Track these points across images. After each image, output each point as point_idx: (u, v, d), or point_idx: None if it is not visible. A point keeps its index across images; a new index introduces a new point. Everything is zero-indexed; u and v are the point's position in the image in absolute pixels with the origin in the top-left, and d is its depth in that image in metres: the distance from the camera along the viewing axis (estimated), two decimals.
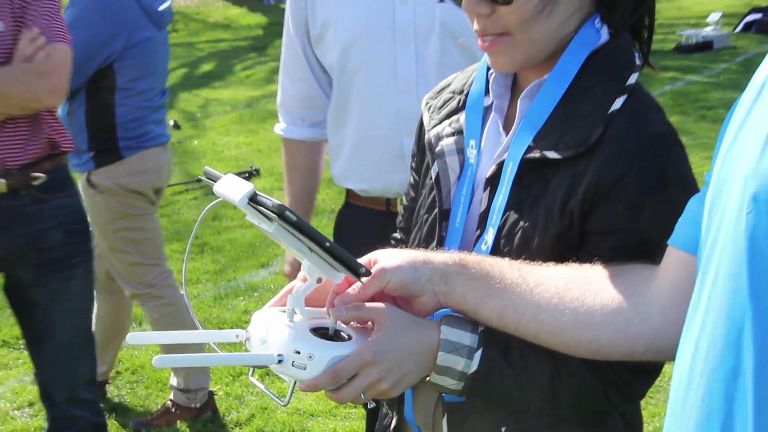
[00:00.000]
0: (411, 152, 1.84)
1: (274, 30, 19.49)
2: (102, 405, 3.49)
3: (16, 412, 4.44)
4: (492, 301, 1.38)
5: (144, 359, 4.81)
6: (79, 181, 3.93)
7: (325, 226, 4.73)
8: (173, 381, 4.30)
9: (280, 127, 2.95)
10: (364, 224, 2.74)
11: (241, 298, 5.63)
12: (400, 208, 1.90)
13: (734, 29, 15.02)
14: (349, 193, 2.86)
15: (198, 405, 4.27)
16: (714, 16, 14.81)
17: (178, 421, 4.26)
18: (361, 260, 1.43)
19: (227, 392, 4.47)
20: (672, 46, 13.91)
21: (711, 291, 1.01)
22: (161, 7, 4.12)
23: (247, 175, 8.28)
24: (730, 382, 0.95)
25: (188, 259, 6.29)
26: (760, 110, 0.97)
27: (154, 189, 4.23)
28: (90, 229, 3.24)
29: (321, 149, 2.95)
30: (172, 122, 10.59)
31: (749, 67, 12.33)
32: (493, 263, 1.41)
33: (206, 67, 15.36)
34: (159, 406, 4.39)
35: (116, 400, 4.47)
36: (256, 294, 5.68)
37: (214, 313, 5.40)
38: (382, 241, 1.80)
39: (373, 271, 1.40)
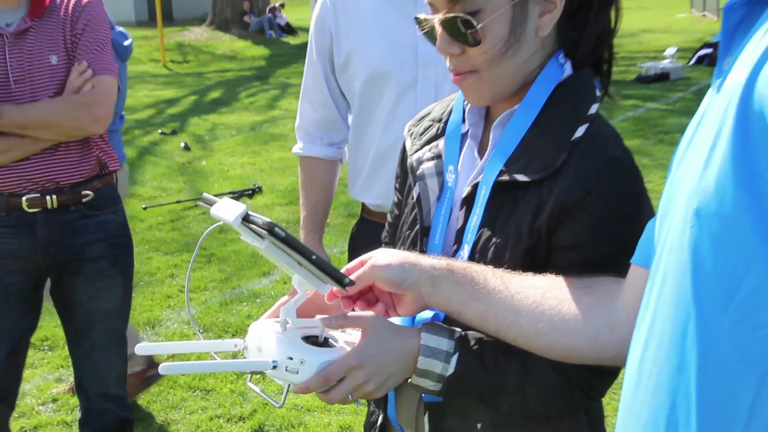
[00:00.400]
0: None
1: (275, 61, 19.58)
2: None
3: (40, 407, 4.42)
4: (475, 304, 1.38)
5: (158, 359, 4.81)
6: None
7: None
8: None
9: (298, 147, 2.94)
10: (375, 237, 2.72)
11: (245, 303, 5.62)
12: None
13: (688, 62, 15.14)
14: (364, 209, 2.87)
15: (138, 368, 4.25)
16: (670, 50, 14.93)
17: (146, 388, 4.36)
18: (358, 259, 1.44)
19: (231, 389, 4.46)
20: (633, 76, 14.00)
21: (658, 296, 1.02)
22: (126, 43, 4.22)
23: (250, 191, 8.29)
24: (675, 378, 0.96)
25: (193, 268, 6.29)
26: (701, 135, 0.98)
27: None
28: (131, 242, 3.25)
29: (336, 167, 2.94)
30: (183, 144, 10.63)
31: (702, 96, 12.14)
32: (477, 270, 1.41)
33: (214, 94, 15.38)
34: (170, 402, 4.38)
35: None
36: (258, 300, 5.67)
37: (220, 318, 5.39)
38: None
39: (366, 266, 1.41)
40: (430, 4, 1.50)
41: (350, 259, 2.85)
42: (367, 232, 2.80)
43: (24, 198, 2.91)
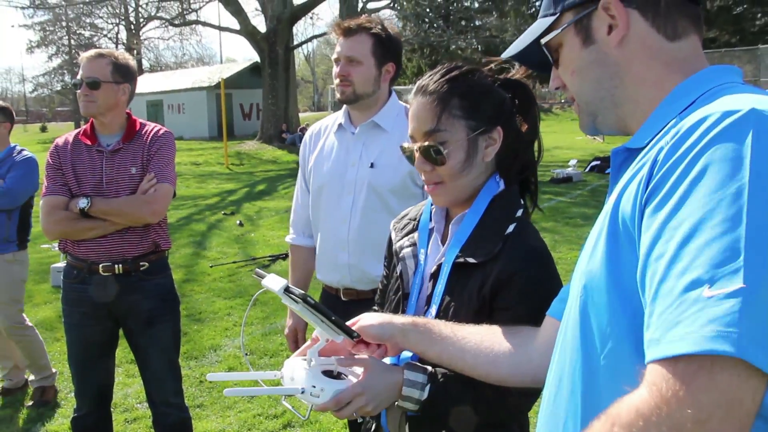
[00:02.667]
0: (383, 256, 1.82)
1: None
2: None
3: (138, 405, 4.34)
4: (434, 347, 1.39)
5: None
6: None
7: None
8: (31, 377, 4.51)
9: (290, 237, 2.84)
10: (329, 300, 2.62)
11: (279, 335, 5.54)
12: (379, 285, 1.88)
13: (585, 169, 15.24)
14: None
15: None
16: (572, 162, 15.09)
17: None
18: (351, 321, 1.44)
19: (269, 396, 4.37)
20: (548, 179, 14.06)
21: (562, 342, 1.03)
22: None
23: (285, 255, 8.23)
24: (570, 397, 0.98)
25: (242, 309, 6.24)
26: (591, 235, 1.01)
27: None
28: (177, 297, 3.19)
29: (314, 252, 2.78)
30: (238, 222, 10.61)
31: (593, 193, 12.50)
32: (434, 323, 1.41)
33: (260, 187, 15.43)
34: (226, 404, 4.31)
35: (200, 400, 4.39)
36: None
37: (261, 345, 5.32)
38: (336, 311, 1.68)
39: (356, 327, 1.42)
40: (411, 137, 1.53)
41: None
42: (324, 295, 2.68)
43: (100, 265, 2.95)
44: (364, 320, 1.43)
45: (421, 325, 1.40)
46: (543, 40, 1.11)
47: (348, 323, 1.43)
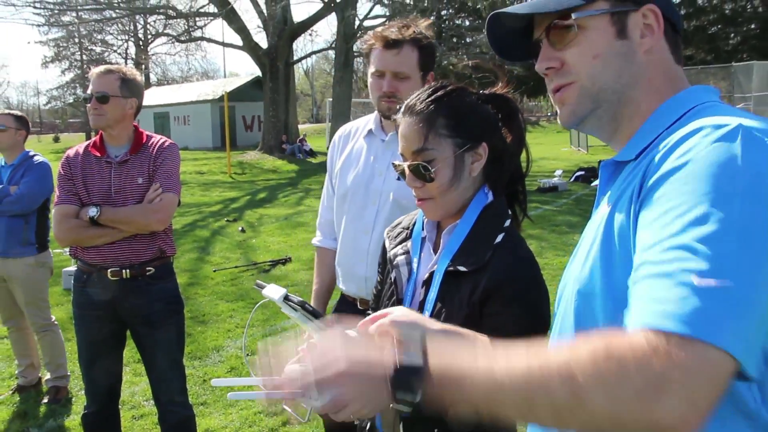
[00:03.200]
0: (377, 261, 1.82)
1: (302, 173, 19.65)
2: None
3: (145, 402, 4.31)
4: (460, 357, 1.30)
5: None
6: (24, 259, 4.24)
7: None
8: (48, 376, 4.51)
9: (317, 239, 2.71)
10: (345, 307, 2.52)
11: (279, 336, 5.55)
12: (372, 292, 1.86)
13: (569, 179, 15.28)
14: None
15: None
16: (558, 172, 15.13)
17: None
18: (381, 311, 1.36)
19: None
20: (535, 188, 14.06)
21: (557, 343, 1.03)
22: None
23: (284, 260, 8.21)
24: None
25: (243, 311, 6.22)
26: (583, 242, 1.02)
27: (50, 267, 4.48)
28: (181, 300, 3.16)
29: None
30: (240, 228, 10.58)
31: (578, 202, 12.53)
32: (466, 334, 1.32)
33: (261, 195, 15.39)
34: (228, 402, 4.28)
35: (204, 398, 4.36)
36: (287, 334, 5.58)
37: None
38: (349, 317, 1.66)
39: (387, 319, 1.32)
40: (401, 154, 1.53)
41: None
42: (342, 302, 2.57)
43: (109, 270, 2.94)
44: (395, 315, 1.33)
45: (452, 334, 1.31)
46: (575, 14, 1.07)
47: (379, 312, 1.38)
